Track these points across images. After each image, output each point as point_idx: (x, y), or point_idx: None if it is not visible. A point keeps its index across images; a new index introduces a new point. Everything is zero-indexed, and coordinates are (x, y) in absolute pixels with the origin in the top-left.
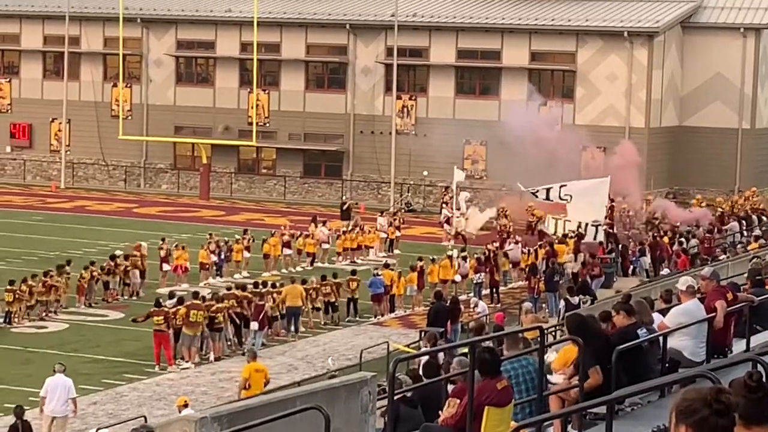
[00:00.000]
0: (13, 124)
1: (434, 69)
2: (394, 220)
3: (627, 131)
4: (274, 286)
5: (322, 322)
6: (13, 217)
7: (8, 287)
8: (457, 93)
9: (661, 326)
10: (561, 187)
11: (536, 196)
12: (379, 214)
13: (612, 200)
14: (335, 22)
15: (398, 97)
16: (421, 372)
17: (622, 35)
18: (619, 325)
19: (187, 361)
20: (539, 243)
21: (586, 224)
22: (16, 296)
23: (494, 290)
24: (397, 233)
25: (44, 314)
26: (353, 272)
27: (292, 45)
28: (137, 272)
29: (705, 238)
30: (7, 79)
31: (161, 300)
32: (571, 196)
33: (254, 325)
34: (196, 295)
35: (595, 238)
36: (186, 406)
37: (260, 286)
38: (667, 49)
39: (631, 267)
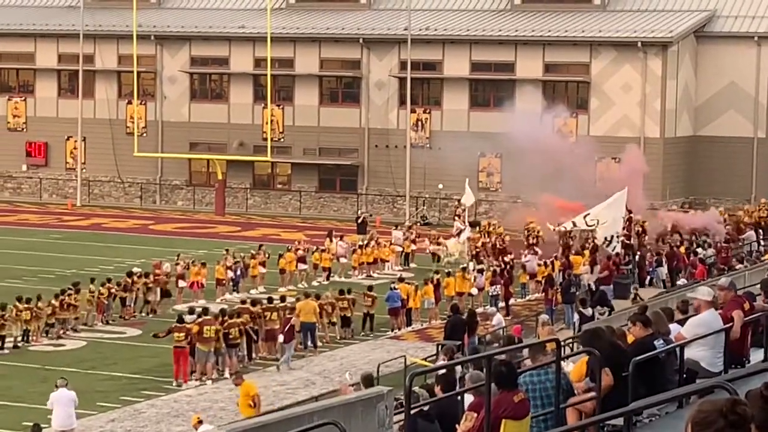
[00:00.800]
0: (29, 143)
1: (448, 82)
2: (410, 233)
3: (642, 141)
4: (283, 300)
5: (338, 337)
6: (30, 236)
7: (26, 305)
8: (471, 106)
9: (678, 338)
10: (585, 216)
11: (565, 227)
12: (394, 227)
13: (630, 211)
14: (348, 36)
15: (412, 111)
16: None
17: (636, 45)
18: (636, 337)
19: (204, 376)
20: (555, 255)
21: (611, 237)
22: (34, 314)
23: (507, 302)
24: (413, 247)
25: (63, 332)
26: (369, 288)
27: (305, 60)
28: (158, 290)
29: (722, 247)
30: (23, 98)
31: (183, 316)
32: (597, 221)
33: (281, 338)
34: (206, 311)
35: (612, 249)
36: (201, 422)
37: (275, 301)
38: (681, 58)
39: (648, 277)
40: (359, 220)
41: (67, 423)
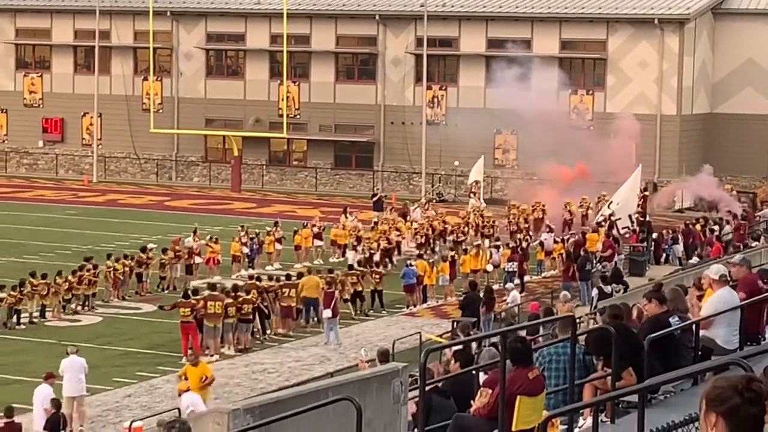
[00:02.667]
0: (45, 119)
1: (464, 59)
2: (426, 210)
3: (658, 119)
4: (288, 278)
5: (353, 314)
6: (47, 212)
7: (43, 281)
8: (488, 82)
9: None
10: (610, 204)
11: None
12: (412, 204)
13: (644, 189)
14: (365, 13)
15: (428, 88)
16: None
17: (653, 22)
18: (651, 314)
19: (212, 354)
20: (572, 232)
21: (623, 217)
22: (52, 290)
23: (522, 279)
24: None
25: (81, 308)
26: (376, 264)
27: (321, 36)
28: (178, 267)
29: (739, 225)
30: (39, 74)
31: (189, 291)
32: (618, 203)
33: (327, 313)
34: (213, 287)
35: (623, 228)
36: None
37: (282, 279)
38: (698, 35)
39: (664, 255)
40: (375, 198)
41: (78, 389)
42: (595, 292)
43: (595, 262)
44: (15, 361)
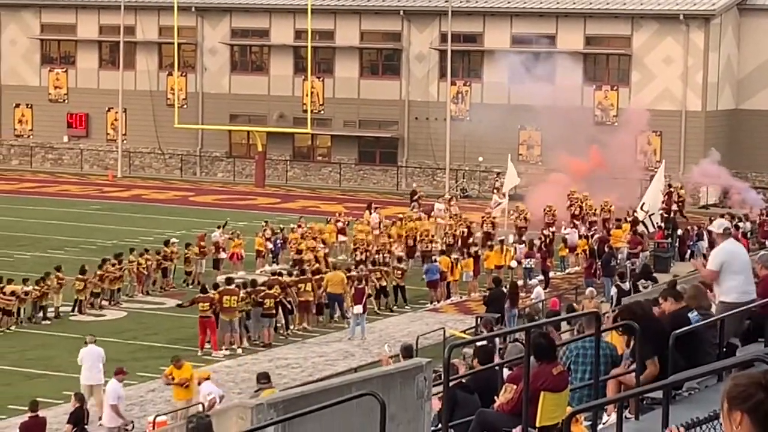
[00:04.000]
0: (70, 114)
1: (488, 54)
2: (451, 206)
3: (683, 115)
4: (303, 272)
5: (376, 309)
6: (71, 206)
7: (79, 276)
8: (512, 78)
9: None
10: (641, 206)
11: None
12: (437, 200)
13: (669, 185)
14: (389, 8)
15: (452, 83)
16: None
17: (678, 18)
18: (669, 311)
19: (226, 349)
20: (595, 228)
21: (650, 215)
22: (86, 284)
23: (546, 275)
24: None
25: (107, 303)
26: (399, 260)
27: (346, 32)
28: (203, 262)
29: (763, 221)
30: (64, 69)
31: (205, 286)
32: (648, 203)
33: (358, 309)
34: (229, 281)
35: (649, 226)
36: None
37: (308, 273)
38: (724, 31)
39: (689, 251)
40: (414, 196)
41: (96, 378)
42: (614, 290)
43: (620, 258)
44: (40, 355)
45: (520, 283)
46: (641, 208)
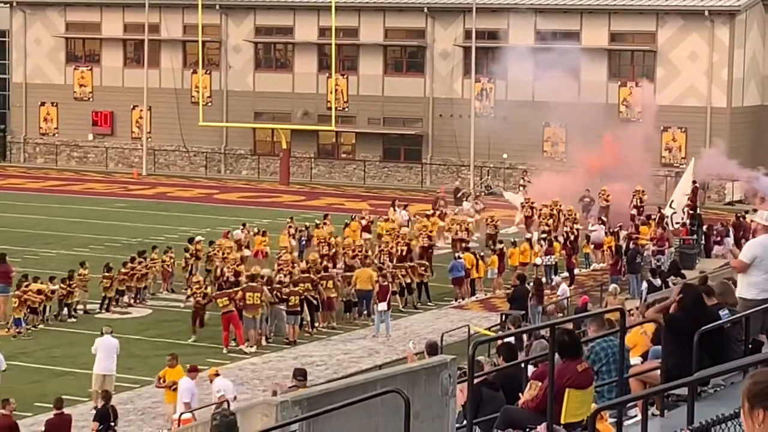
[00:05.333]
0: (95, 112)
1: (512, 51)
2: (476, 203)
3: (708, 111)
4: (326, 270)
5: (401, 306)
6: (96, 204)
7: (105, 273)
8: (536, 75)
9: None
10: (670, 203)
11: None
12: (464, 199)
13: (695, 182)
14: (413, 5)
15: (477, 80)
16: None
17: (703, 14)
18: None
19: (251, 345)
20: (620, 224)
21: (674, 212)
22: (115, 281)
23: (571, 272)
24: (477, 216)
25: (133, 301)
26: (420, 256)
27: (370, 29)
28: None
29: None
30: (89, 68)
31: (223, 284)
32: (676, 200)
33: (383, 306)
34: (252, 278)
35: (674, 222)
36: (218, 375)
37: (331, 270)
38: (749, 27)
39: (715, 248)
40: (457, 193)
41: (109, 368)
42: (644, 285)
43: (645, 254)
44: (66, 353)
45: (544, 280)
46: (670, 206)
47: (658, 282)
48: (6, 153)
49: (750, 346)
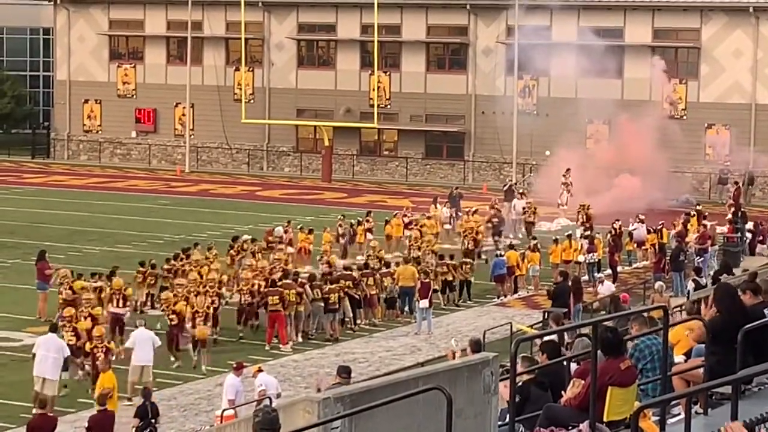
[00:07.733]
0: (138, 109)
1: (556, 48)
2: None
3: (753, 108)
4: (388, 266)
5: (442, 303)
6: (139, 201)
7: (150, 270)
8: (579, 72)
9: None
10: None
11: None
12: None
13: (736, 182)
14: (455, 2)
15: (520, 77)
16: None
17: (748, 10)
18: (746, 305)
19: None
20: (661, 222)
21: None
22: (156, 279)
23: (614, 270)
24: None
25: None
26: (465, 254)
27: (412, 26)
28: (270, 257)
29: None
30: (132, 65)
31: (274, 280)
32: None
33: (424, 303)
34: (286, 275)
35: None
36: (261, 371)
37: (371, 268)
38: None
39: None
40: (506, 187)
41: (146, 359)
42: (691, 285)
43: (689, 253)
44: None
45: (584, 278)
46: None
47: (704, 281)
48: (50, 150)
49: None
